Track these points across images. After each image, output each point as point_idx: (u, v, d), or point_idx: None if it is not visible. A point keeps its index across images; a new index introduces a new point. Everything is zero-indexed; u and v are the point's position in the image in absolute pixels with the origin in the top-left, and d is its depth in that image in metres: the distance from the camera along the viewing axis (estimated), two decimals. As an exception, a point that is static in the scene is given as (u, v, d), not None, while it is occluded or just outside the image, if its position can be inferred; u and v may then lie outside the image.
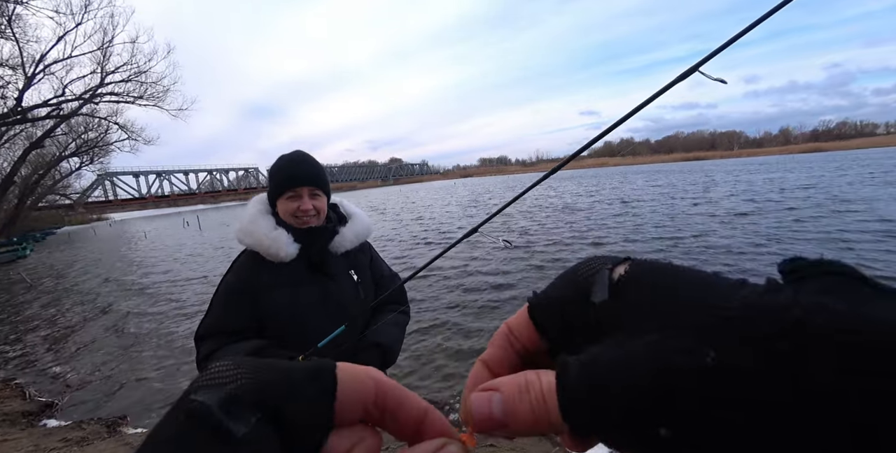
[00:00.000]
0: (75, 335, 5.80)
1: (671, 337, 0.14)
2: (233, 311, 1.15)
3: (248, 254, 1.21)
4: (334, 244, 1.24)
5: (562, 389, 0.16)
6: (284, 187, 1.19)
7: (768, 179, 22.32)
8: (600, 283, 0.17)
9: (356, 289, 1.25)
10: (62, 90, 26.20)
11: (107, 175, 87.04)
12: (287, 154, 1.26)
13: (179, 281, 8.88)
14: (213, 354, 1.09)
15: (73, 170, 37.93)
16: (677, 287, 0.15)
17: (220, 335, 1.13)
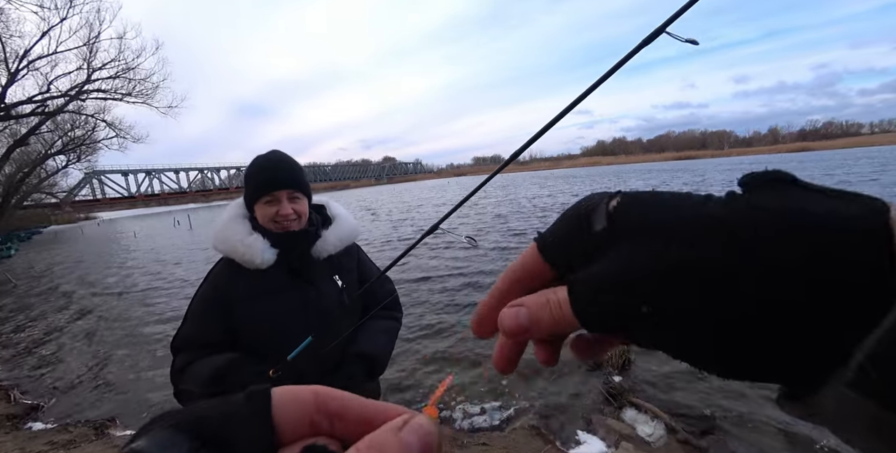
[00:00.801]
0: (61, 336, 5.67)
1: (644, 244, 0.18)
2: (207, 323, 1.11)
3: (225, 262, 1.15)
4: (316, 248, 1.18)
5: (573, 296, 0.19)
6: (261, 191, 1.12)
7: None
8: (599, 214, 0.20)
9: (340, 294, 1.18)
10: (47, 86, 25.59)
11: (94, 173, 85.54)
12: (263, 155, 1.18)
13: (168, 282, 8.74)
14: (186, 368, 1.06)
15: (60, 168, 37.06)
16: (656, 207, 0.19)
17: (194, 347, 1.09)
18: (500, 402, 2.96)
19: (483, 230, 10.78)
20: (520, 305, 0.21)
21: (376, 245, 10.22)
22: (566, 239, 0.21)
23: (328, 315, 1.13)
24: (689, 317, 0.16)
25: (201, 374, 1.01)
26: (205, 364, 1.03)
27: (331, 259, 1.21)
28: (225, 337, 1.10)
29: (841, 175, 21.05)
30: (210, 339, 1.10)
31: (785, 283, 0.15)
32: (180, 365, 1.08)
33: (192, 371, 1.04)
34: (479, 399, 3.02)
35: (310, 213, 1.21)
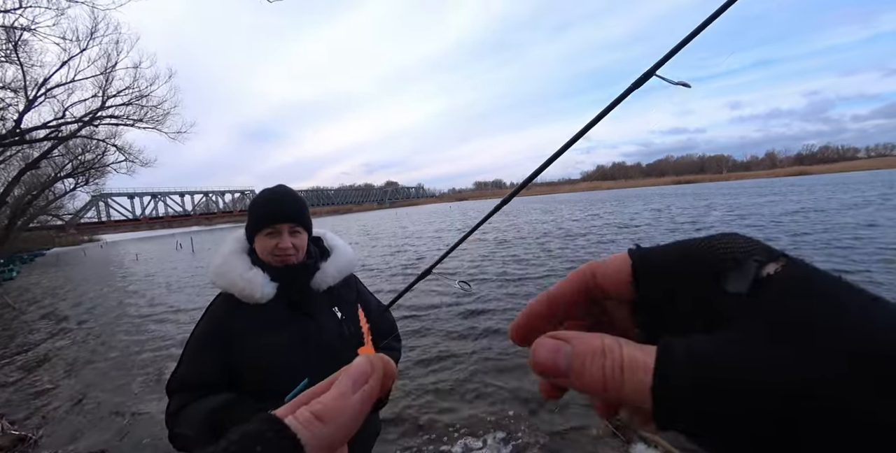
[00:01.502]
0: (53, 364, 5.55)
1: (811, 359, 0.13)
2: (204, 363, 1.08)
3: (224, 298, 1.14)
4: (316, 281, 1.18)
5: (663, 375, 0.14)
6: (263, 223, 1.14)
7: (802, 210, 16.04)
8: (744, 274, 0.16)
9: (340, 326, 1.17)
10: (63, 113, 26.50)
11: (101, 196, 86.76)
12: (269, 188, 1.22)
13: (164, 309, 8.65)
14: (181, 410, 1.02)
15: (68, 190, 37.72)
16: (834, 304, 0.14)
17: (191, 389, 1.06)
18: (503, 434, 2.85)
19: (486, 257, 10.76)
20: (565, 340, 0.17)
21: (372, 272, 10.19)
22: (674, 269, 0.17)
23: (329, 348, 1.12)
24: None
25: (196, 416, 0.97)
26: (200, 405, 0.99)
27: (330, 291, 1.21)
28: (222, 376, 1.08)
29: (858, 196, 21.11)
30: (207, 380, 1.07)
31: None
32: (175, 407, 1.04)
33: (187, 413, 1.00)
34: (482, 430, 2.91)
35: (308, 246, 1.21)
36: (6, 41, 21.41)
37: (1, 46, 21.51)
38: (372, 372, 0.18)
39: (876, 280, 5.65)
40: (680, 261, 0.18)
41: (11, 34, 21.21)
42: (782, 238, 9.67)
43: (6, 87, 23.51)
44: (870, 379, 0.12)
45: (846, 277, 0.13)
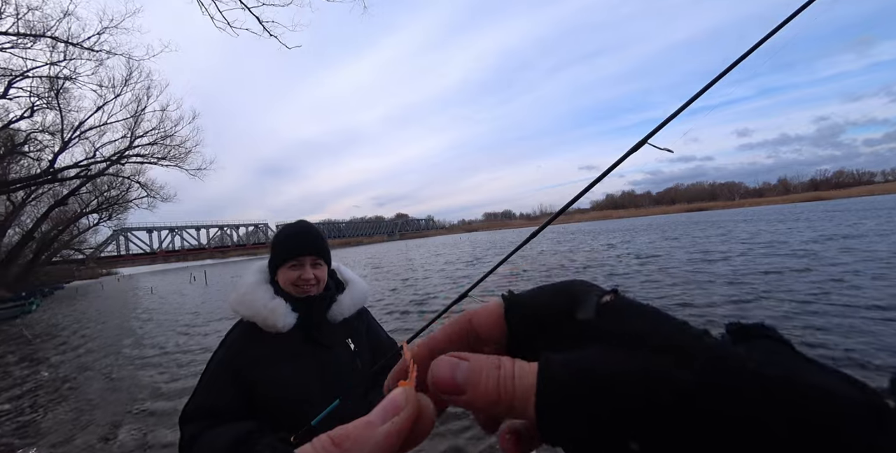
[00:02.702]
0: (68, 395, 5.49)
1: (653, 357, 0.16)
2: (221, 391, 1.09)
3: (244, 326, 1.17)
4: (332, 312, 1.22)
5: (544, 379, 0.16)
6: (287, 256, 1.19)
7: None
8: (588, 303, 0.19)
9: (353, 358, 1.21)
10: (94, 153, 28.16)
11: (122, 230, 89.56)
12: (291, 223, 1.28)
13: (179, 338, 8.63)
14: (196, 438, 1.01)
15: (92, 225, 39.21)
16: (655, 322, 0.18)
17: (206, 417, 1.05)
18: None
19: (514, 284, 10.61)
20: (464, 358, 0.18)
21: (373, 308, 10.08)
22: (539, 310, 0.20)
23: (343, 379, 1.15)
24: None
25: (217, 444, 0.95)
26: (220, 434, 0.98)
27: (345, 322, 1.25)
28: (240, 404, 1.08)
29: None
30: (223, 408, 1.07)
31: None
32: (188, 436, 1.03)
33: (205, 441, 0.99)
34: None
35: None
36: (49, 90, 23.33)
37: (44, 94, 23.41)
38: (405, 405, 0.17)
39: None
40: (543, 301, 0.21)
41: (55, 83, 23.16)
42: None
43: (45, 131, 25.28)
44: (692, 366, 0.15)
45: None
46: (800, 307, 5.97)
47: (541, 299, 0.21)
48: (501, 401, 0.17)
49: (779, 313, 5.79)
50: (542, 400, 0.16)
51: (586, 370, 0.16)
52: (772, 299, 6.54)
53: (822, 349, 4.29)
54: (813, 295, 6.54)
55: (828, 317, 5.33)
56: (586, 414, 0.15)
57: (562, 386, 0.16)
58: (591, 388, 0.16)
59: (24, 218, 34.03)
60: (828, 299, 6.17)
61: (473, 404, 0.18)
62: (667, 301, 7.20)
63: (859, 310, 5.46)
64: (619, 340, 0.17)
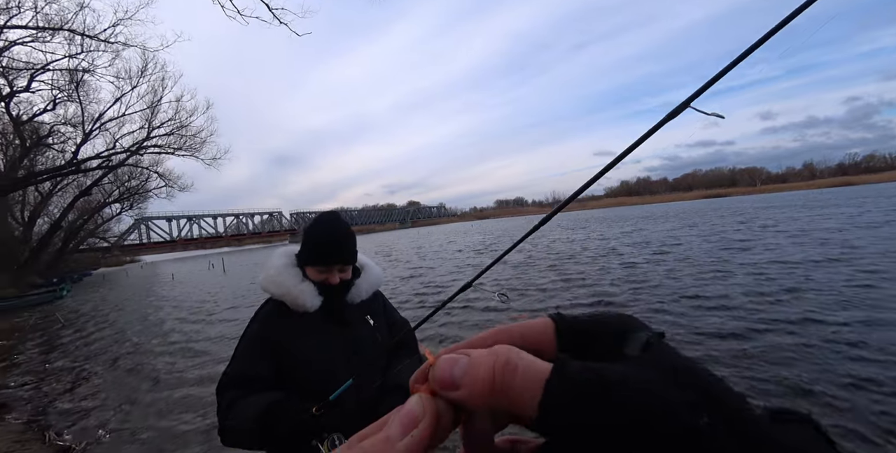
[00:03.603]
0: (98, 378, 5.85)
1: (679, 389, 0.16)
2: (254, 362, 1.20)
3: (274, 304, 1.28)
4: (351, 295, 1.34)
5: (559, 375, 0.16)
6: (317, 262, 1.28)
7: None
8: (638, 340, 0.19)
9: (374, 333, 1.33)
10: (113, 144, 28.85)
11: (143, 219, 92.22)
12: (326, 220, 1.31)
13: (201, 323, 9.00)
14: (232, 405, 1.11)
15: (115, 215, 40.49)
16: (694, 367, 0.18)
17: (242, 385, 1.16)
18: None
19: (523, 270, 10.65)
20: (466, 353, 0.18)
21: (386, 294, 10.25)
22: (592, 337, 0.20)
23: (364, 352, 1.28)
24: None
25: (248, 412, 1.06)
26: (251, 403, 1.08)
27: (363, 303, 1.37)
28: (270, 373, 1.19)
29: None
30: (257, 376, 1.17)
31: None
32: (226, 402, 1.13)
33: (238, 409, 1.09)
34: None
35: None
36: (69, 82, 23.86)
37: (65, 87, 23.97)
38: (423, 416, 0.17)
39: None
40: (592, 325, 0.21)
41: (74, 76, 23.65)
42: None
43: (67, 123, 25.98)
44: (717, 411, 0.15)
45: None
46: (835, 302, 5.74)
47: (592, 326, 0.21)
48: (496, 392, 0.16)
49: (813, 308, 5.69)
50: (551, 395, 0.16)
51: (606, 377, 0.16)
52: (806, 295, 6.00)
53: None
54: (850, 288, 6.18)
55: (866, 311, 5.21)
56: (594, 420, 0.15)
57: (576, 384, 0.16)
58: (605, 395, 0.15)
59: (52, 208, 35.39)
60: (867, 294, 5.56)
61: (469, 397, 0.17)
62: (687, 294, 7.15)
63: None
64: (653, 367, 0.17)
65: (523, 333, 0.21)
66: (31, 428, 4.25)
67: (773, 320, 5.00)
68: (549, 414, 0.16)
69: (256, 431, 1.02)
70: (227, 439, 1.11)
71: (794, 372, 3.60)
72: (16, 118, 23.68)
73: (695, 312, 5.66)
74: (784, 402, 2.56)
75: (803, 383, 3.41)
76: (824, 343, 4.16)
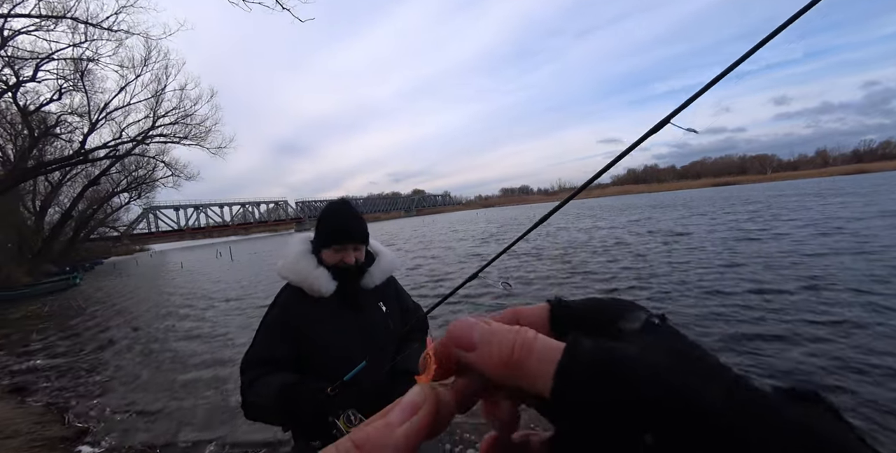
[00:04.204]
0: (114, 362, 6.03)
1: (691, 368, 0.16)
2: (274, 343, 1.26)
3: (291, 289, 1.34)
4: (365, 280, 1.38)
5: (573, 352, 0.16)
6: (332, 242, 1.33)
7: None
8: (637, 317, 0.19)
9: (386, 319, 1.38)
10: (120, 133, 28.97)
11: (151, 208, 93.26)
12: (336, 206, 1.40)
13: (212, 310, 9.18)
14: (253, 383, 1.19)
15: (123, 204, 41.00)
16: (699, 349, 0.17)
17: (262, 365, 1.23)
18: None
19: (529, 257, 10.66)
20: (488, 322, 0.19)
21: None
22: (588, 319, 0.20)
23: (377, 336, 1.33)
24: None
25: (269, 389, 1.14)
26: (271, 381, 1.16)
27: (376, 289, 1.41)
28: (289, 355, 1.26)
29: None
30: (276, 357, 1.24)
31: None
32: (248, 381, 1.21)
33: (260, 386, 1.17)
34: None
35: None
36: (74, 71, 23.83)
37: (70, 76, 23.95)
38: (423, 403, 0.18)
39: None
40: (589, 310, 0.21)
41: (79, 65, 23.60)
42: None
43: (73, 113, 26.07)
44: (728, 388, 0.15)
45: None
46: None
47: (589, 309, 0.21)
48: (510, 364, 0.17)
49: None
50: (564, 373, 0.16)
51: (617, 355, 0.16)
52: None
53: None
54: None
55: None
56: (609, 396, 0.15)
57: (592, 363, 0.16)
58: (622, 372, 0.15)
59: (62, 198, 35.87)
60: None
61: (483, 361, 0.18)
62: (697, 285, 7.12)
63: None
64: (659, 347, 0.17)
65: (520, 318, 0.21)
66: (50, 410, 4.42)
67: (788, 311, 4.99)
68: (563, 393, 0.16)
69: (275, 408, 1.10)
70: (249, 413, 1.20)
71: (812, 366, 3.53)
72: (23, 108, 23.79)
73: (704, 303, 5.65)
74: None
75: (823, 374, 3.34)
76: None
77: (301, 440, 1.26)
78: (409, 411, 0.17)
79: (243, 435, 3.38)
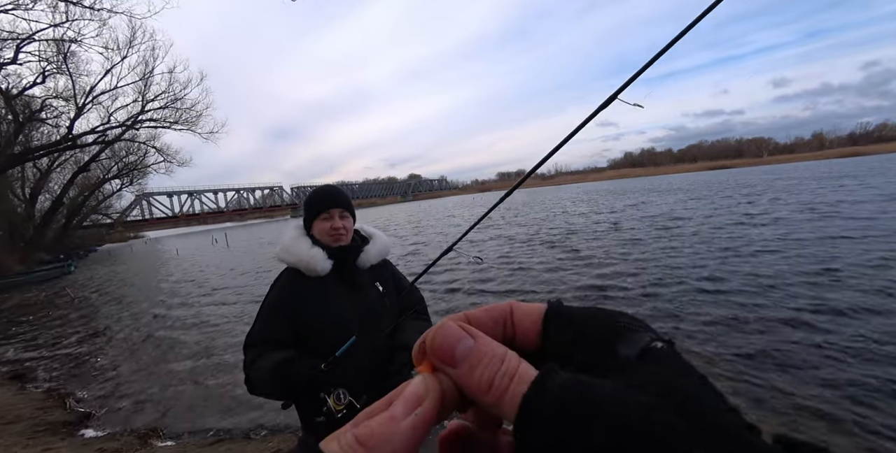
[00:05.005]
0: (112, 347, 6.08)
1: (672, 414, 0.14)
2: (274, 323, 1.33)
3: (289, 272, 1.39)
4: (361, 260, 1.43)
5: (539, 388, 0.15)
6: (319, 209, 1.40)
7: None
8: (636, 342, 0.17)
9: (382, 298, 1.42)
10: (108, 118, 28.27)
11: (144, 195, 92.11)
12: (319, 186, 1.50)
13: (209, 296, 9.21)
14: (254, 360, 1.27)
15: (115, 191, 40.43)
16: (697, 385, 0.16)
17: (263, 344, 1.30)
18: None
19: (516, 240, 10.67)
20: (473, 336, 0.18)
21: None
22: (580, 328, 0.19)
23: (374, 314, 1.38)
24: None
25: (267, 365, 1.22)
26: (270, 357, 1.24)
27: (372, 269, 1.46)
28: (290, 334, 1.32)
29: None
30: (277, 336, 1.31)
31: None
32: (249, 358, 1.29)
33: (261, 362, 1.25)
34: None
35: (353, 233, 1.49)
36: (57, 53, 23.00)
37: (53, 58, 23.13)
38: (426, 395, 0.17)
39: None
40: (587, 320, 0.19)
41: (61, 46, 22.76)
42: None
43: (59, 97, 25.31)
44: (717, 445, 0.13)
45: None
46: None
47: (587, 319, 0.19)
48: (490, 396, 0.16)
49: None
50: (528, 409, 0.15)
51: (590, 396, 0.15)
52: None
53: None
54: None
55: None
56: (569, 441, 0.14)
57: (559, 401, 0.15)
58: (588, 416, 0.14)
59: (52, 185, 35.27)
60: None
61: (460, 382, 0.17)
62: (697, 276, 7.18)
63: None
64: (645, 383, 0.15)
65: (515, 310, 0.21)
66: (51, 396, 4.47)
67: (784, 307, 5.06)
68: (523, 430, 0.15)
69: (273, 384, 1.18)
70: (251, 388, 1.28)
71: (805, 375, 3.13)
72: (6, 92, 23.05)
73: (701, 297, 5.72)
74: (796, 425, 2.51)
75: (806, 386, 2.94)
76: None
77: (306, 417, 1.31)
78: (413, 403, 0.17)
79: (244, 417, 3.45)
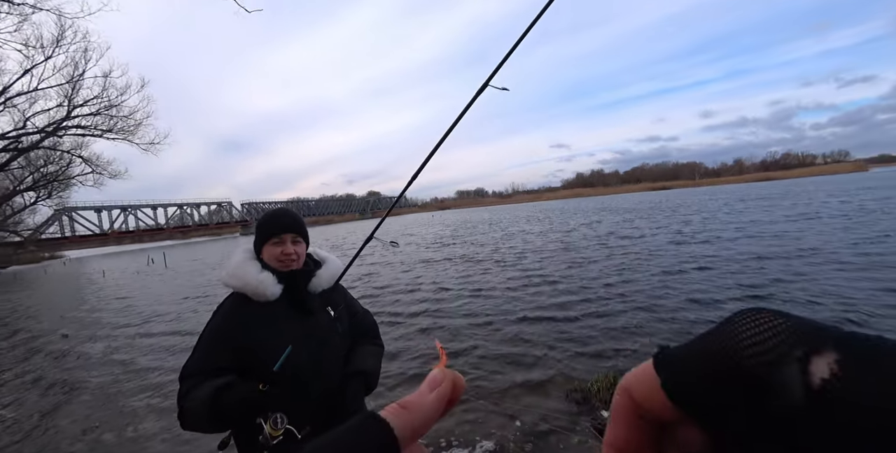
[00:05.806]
0: (9, 396, 4.87)
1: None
2: (215, 353, 1.22)
3: (234, 297, 1.31)
4: (312, 284, 1.38)
5: None
6: (270, 233, 1.35)
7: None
8: (788, 382, 0.12)
9: (334, 323, 1.38)
10: (23, 123, 25.05)
11: (65, 210, 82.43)
12: (273, 209, 1.45)
13: (133, 327, 7.95)
14: (189, 391, 1.16)
15: (28, 205, 35.54)
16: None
17: (200, 375, 1.19)
18: (490, 443, 2.70)
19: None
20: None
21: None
22: (705, 381, 0.15)
23: (325, 340, 1.33)
24: None
25: (202, 394, 1.12)
26: (206, 385, 1.14)
27: (324, 293, 1.40)
28: (231, 364, 1.21)
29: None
30: (216, 367, 1.20)
31: None
32: (184, 390, 1.18)
33: (195, 392, 1.14)
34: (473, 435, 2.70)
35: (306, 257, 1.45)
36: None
37: (-46, 52, 20.19)
38: (443, 379, 0.22)
39: None
40: (706, 368, 0.15)
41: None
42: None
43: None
44: None
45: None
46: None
47: (706, 363, 0.15)
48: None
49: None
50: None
51: None
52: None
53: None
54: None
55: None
56: None
57: None
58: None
59: (-54, 196, 30.27)
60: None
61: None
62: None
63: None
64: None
65: (633, 393, 0.18)
66: None
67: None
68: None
69: (208, 413, 1.08)
70: (184, 422, 1.15)
71: None
72: None
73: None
74: None
75: None
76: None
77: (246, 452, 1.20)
78: (435, 384, 0.22)
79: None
